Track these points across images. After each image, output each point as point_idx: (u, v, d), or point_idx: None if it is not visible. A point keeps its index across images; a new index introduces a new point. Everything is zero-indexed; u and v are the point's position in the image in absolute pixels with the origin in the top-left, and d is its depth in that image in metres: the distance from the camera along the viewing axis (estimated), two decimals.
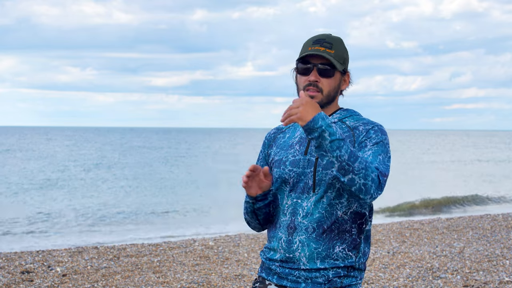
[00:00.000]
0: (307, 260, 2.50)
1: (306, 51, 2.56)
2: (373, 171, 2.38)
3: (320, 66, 2.55)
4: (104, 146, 69.52)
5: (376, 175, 2.39)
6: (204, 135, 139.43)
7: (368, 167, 2.37)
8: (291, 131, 2.68)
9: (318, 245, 2.49)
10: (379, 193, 2.41)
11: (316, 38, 2.59)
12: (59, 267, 8.22)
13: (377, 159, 2.46)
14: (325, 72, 2.55)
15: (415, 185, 24.87)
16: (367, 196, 2.39)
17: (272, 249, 2.59)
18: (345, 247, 2.51)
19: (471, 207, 18.47)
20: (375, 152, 2.48)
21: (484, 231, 11.20)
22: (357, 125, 2.55)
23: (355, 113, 2.62)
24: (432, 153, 58.11)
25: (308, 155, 2.54)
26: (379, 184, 2.40)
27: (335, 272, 2.50)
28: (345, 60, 2.59)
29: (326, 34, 2.60)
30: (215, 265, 8.38)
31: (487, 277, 7.48)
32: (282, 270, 2.55)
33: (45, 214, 17.08)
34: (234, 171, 31.32)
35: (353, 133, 2.53)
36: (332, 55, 2.55)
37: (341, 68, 2.56)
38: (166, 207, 19.15)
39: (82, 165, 38.01)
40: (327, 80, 2.56)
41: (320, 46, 2.56)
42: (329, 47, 2.56)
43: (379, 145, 2.50)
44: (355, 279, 2.54)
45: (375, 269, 7.99)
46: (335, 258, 2.50)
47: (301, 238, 2.50)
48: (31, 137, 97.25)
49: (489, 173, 32.99)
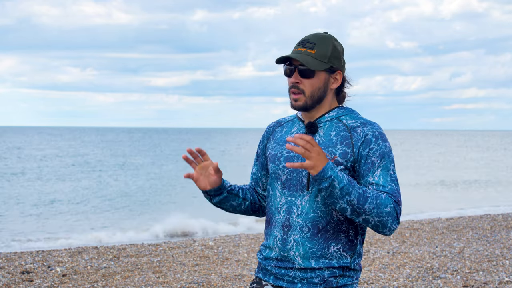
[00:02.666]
0: (302, 259, 2.49)
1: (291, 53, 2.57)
2: (386, 206, 2.40)
3: (300, 67, 2.53)
4: (119, 145, 69.54)
5: (392, 207, 2.41)
6: (222, 135, 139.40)
7: (380, 204, 2.38)
8: (288, 126, 2.67)
9: (313, 244, 2.48)
10: (396, 223, 2.43)
11: (302, 38, 2.57)
12: (59, 267, 8.22)
13: (388, 178, 2.45)
14: (305, 73, 2.53)
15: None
16: (385, 229, 2.43)
17: (268, 247, 2.60)
18: (340, 248, 2.50)
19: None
20: (383, 169, 2.46)
21: (484, 231, 11.20)
22: (355, 126, 2.52)
23: (353, 112, 2.60)
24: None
25: None
26: (396, 216, 2.42)
27: (331, 272, 2.49)
28: (331, 58, 2.54)
29: (313, 34, 2.57)
30: (215, 265, 8.37)
31: (487, 277, 7.48)
32: (278, 270, 2.55)
33: (46, 214, 17.09)
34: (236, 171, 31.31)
35: (351, 135, 2.51)
36: (311, 55, 2.52)
37: (322, 67, 2.52)
38: (166, 207, 19.15)
39: (88, 163, 38.03)
40: (308, 80, 2.53)
41: (302, 47, 2.54)
42: (311, 47, 2.53)
43: (385, 158, 2.48)
44: (351, 279, 2.53)
45: (375, 269, 7.99)
46: (330, 258, 2.49)
47: (296, 237, 2.50)
48: (39, 137, 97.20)
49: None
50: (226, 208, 2.73)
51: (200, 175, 2.64)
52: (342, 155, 2.48)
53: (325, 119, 2.56)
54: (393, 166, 2.49)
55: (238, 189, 2.73)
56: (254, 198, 2.76)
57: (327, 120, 2.56)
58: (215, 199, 2.68)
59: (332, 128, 2.54)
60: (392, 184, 2.45)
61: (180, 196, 22.40)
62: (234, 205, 2.72)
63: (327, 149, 2.49)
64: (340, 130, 2.53)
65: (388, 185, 2.45)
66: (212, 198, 2.68)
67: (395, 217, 2.42)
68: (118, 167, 36.35)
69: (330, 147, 2.50)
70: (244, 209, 2.75)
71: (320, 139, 2.53)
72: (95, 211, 18.02)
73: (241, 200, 2.73)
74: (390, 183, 2.45)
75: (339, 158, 2.47)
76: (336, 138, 2.51)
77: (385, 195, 2.42)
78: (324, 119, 2.56)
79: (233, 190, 2.70)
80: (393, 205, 2.41)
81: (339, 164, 2.47)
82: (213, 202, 2.69)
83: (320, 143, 2.52)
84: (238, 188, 2.73)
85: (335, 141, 2.50)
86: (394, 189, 2.45)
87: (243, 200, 2.73)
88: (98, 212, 17.82)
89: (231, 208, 2.73)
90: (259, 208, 2.78)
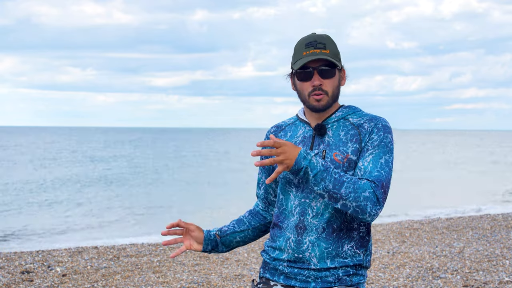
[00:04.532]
0: (318, 260, 2.49)
1: (301, 57, 2.53)
2: (364, 190, 2.37)
3: (322, 68, 2.52)
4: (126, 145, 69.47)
5: (371, 192, 2.38)
6: (222, 135, 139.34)
7: (357, 189, 2.37)
8: (292, 130, 2.66)
9: (328, 244, 2.49)
10: (378, 208, 2.40)
11: (306, 41, 2.55)
12: (59, 267, 8.22)
13: (377, 164, 2.45)
14: (327, 73, 2.53)
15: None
16: (365, 215, 2.39)
17: (278, 248, 2.58)
18: (353, 245, 2.51)
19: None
20: (376, 156, 2.47)
21: (484, 231, 11.20)
22: (361, 123, 2.54)
23: (357, 109, 2.61)
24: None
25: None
26: (376, 200, 2.39)
27: (345, 270, 2.50)
28: (339, 56, 2.58)
29: (314, 35, 2.57)
30: (215, 265, 8.37)
31: (487, 277, 7.48)
32: (290, 270, 2.54)
33: (46, 214, 17.09)
34: (241, 171, 31.32)
35: (359, 132, 2.51)
36: (328, 54, 2.53)
37: (339, 65, 2.56)
38: (166, 206, 19.15)
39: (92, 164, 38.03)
40: (329, 81, 2.54)
41: (314, 48, 2.53)
42: (323, 47, 2.53)
43: (381, 147, 2.48)
44: (363, 277, 2.55)
45: (375, 269, 7.99)
46: (344, 257, 2.49)
47: (311, 238, 2.49)
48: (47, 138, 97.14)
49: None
50: (239, 245, 2.79)
51: (186, 239, 2.73)
52: (354, 152, 2.49)
53: (332, 120, 2.57)
54: (388, 156, 2.48)
55: (234, 225, 2.77)
56: (259, 218, 2.79)
57: (334, 120, 2.57)
58: (220, 249, 2.75)
59: (340, 128, 2.54)
60: (381, 171, 2.44)
61: (180, 196, 22.40)
62: (244, 238, 2.78)
63: (338, 148, 2.50)
64: (348, 130, 2.53)
65: (376, 171, 2.43)
66: (216, 251, 2.75)
67: (375, 202, 2.38)
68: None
69: (341, 146, 2.50)
70: (257, 233, 2.79)
71: (330, 140, 2.53)
72: (95, 211, 18.02)
73: (244, 232, 2.77)
74: (378, 170, 2.44)
75: (352, 156, 2.48)
76: (346, 137, 2.52)
77: (365, 181, 2.41)
78: (331, 120, 2.57)
79: (227, 230, 2.76)
80: (373, 189, 2.39)
81: (353, 162, 2.48)
82: (221, 252, 2.76)
83: (330, 144, 2.52)
84: (233, 224, 2.78)
85: (345, 140, 2.51)
86: (381, 175, 2.43)
87: (247, 230, 2.77)
88: (98, 212, 17.81)
89: (243, 242, 2.78)
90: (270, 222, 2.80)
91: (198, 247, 2.71)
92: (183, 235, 2.72)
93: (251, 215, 2.79)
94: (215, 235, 2.74)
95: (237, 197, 21.46)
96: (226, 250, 2.77)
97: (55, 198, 21.12)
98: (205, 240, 2.72)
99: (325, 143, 2.53)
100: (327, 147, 2.52)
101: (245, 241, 2.78)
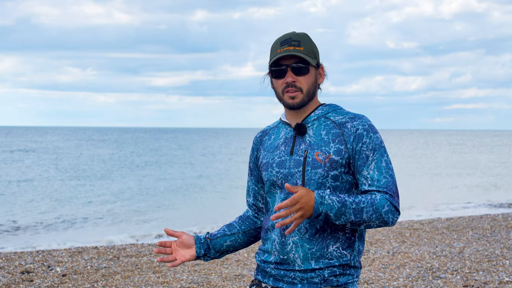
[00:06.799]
0: (302, 261, 2.49)
1: (276, 54, 2.53)
2: (383, 206, 2.42)
3: (294, 65, 2.52)
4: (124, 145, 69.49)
5: (389, 205, 2.43)
6: (223, 135, 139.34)
7: (377, 209, 2.41)
8: (275, 132, 2.66)
9: (312, 245, 2.48)
10: (397, 215, 2.47)
11: (282, 39, 2.56)
12: (59, 267, 8.23)
13: (382, 170, 2.47)
14: (300, 70, 2.52)
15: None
16: (388, 225, 2.47)
17: (266, 251, 2.59)
18: (339, 246, 2.50)
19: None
20: (377, 161, 2.48)
21: (484, 231, 11.20)
22: (343, 122, 2.53)
23: (337, 107, 2.60)
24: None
25: (294, 155, 2.53)
26: (395, 209, 2.45)
27: (331, 271, 2.49)
28: (316, 54, 2.57)
29: (291, 33, 2.56)
30: (215, 265, 8.38)
31: (487, 277, 7.48)
32: (277, 272, 2.55)
33: (46, 214, 17.09)
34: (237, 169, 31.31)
35: (342, 132, 2.50)
36: (302, 52, 2.52)
37: (313, 62, 2.54)
38: (166, 206, 19.16)
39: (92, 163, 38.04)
40: (304, 77, 2.53)
41: (288, 46, 2.52)
42: (297, 44, 2.53)
43: (377, 149, 2.49)
44: (352, 277, 2.53)
45: (375, 269, 7.99)
46: (330, 258, 2.49)
47: (294, 239, 2.49)
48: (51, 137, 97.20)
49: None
50: (229, 250, 2.76)
51: (177, 255, 2.71)
52: (337, 152, 2.48)
53: (312, 119, 2.56)
54: (386, 156, 2.51)
55: (224, 229, 2.76)
56: (249, 223, 2.77)
57: (314, 119, 2.56)
58: (211, 254, 2.72)
59: (321, 127, 2.53)
60: (387, 176, 2.47)
61: (181, 196, 22.40)
62: (234, 242, 2.75)
63: (320, 148, 2.49)
64: (330, 128, 2.52)
65: (383, 178, 2.46)
66: (209, 255, 2.72)
67: (394, 211, 2.44)
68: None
69: (323, 146, 2.49)
70: (248, 238, 2.78)
71: (311, 139, 2.52)
72: (95, 210, 18.02)
73: (235, 236, 2.75)
74: (384, 175, 2.47)
75: (334, 156, 2.47)
76: (328, 137, 2.51)
77: (379, 195, 2.43)
78: (310, 119, 2.56)
79: (217, 234, 2.74)
80: (390, 201, 2.43)
81: (334, 162, 2.47)
82: (213, 257, 2.73)
83: (312, 144, 2.51)
84: (223, 228, 2.77)
85: (327, 139, 2.50)
86: (388, 181, 2.46)
87: (238, 234, 2.76)
88: (98, 212, 17.82)
89: (233, 247, 2.75)
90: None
91: (191, 256, 2.69)
92: (173, 251, 2.70)
93: (241, 220, 2.79)
94: (205, 238, 2.72)
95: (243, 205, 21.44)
96: (218, 256, 2.74)
97: (60, 195, 21.14)
98: (196, 244, 2.69)
99: (306, 143, 2.52)
100: (309, 147, 2.51)
101: (236, 246, 2.76)
